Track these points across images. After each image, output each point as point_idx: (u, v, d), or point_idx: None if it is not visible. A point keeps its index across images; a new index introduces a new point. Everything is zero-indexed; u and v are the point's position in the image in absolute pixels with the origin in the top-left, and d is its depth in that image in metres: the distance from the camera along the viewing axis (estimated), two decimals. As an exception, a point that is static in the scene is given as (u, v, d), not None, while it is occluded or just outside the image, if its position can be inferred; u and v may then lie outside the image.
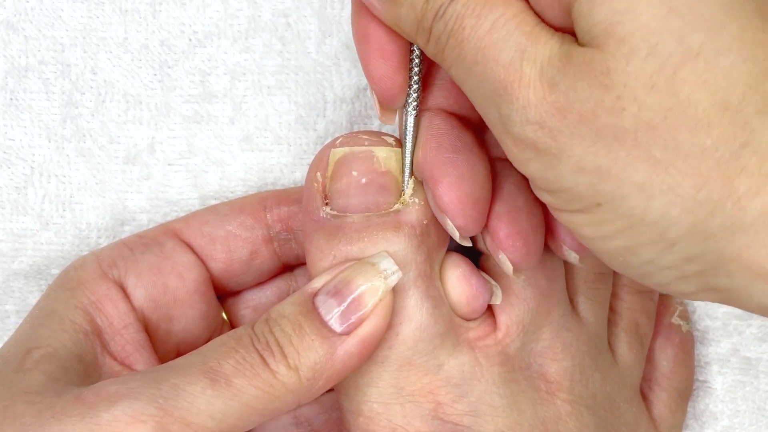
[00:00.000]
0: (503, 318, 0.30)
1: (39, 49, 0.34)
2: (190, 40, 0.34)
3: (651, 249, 0.22)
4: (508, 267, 0.28)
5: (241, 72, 0.34)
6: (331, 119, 0.35)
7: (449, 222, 0.27)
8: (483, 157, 0.28)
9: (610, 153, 0.21)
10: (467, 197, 0.27)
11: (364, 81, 0.34)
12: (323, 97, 0.34)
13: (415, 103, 0.28)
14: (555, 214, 0.24)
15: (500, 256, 0.28)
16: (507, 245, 0.28)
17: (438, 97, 0.29)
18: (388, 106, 0.28)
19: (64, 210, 0.35)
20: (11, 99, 0.34)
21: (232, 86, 0.34)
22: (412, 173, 0.29)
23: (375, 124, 0.35)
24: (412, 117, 0.28)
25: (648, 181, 0.21)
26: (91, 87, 0.34)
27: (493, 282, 0.30)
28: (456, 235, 0.28)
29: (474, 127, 0.29)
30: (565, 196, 0.22)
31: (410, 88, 0.28)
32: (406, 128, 0.28)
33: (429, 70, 0.29)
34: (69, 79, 0.34)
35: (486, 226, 0.28)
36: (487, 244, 0.28)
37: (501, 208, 0.28)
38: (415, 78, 0.28)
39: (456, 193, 0.27)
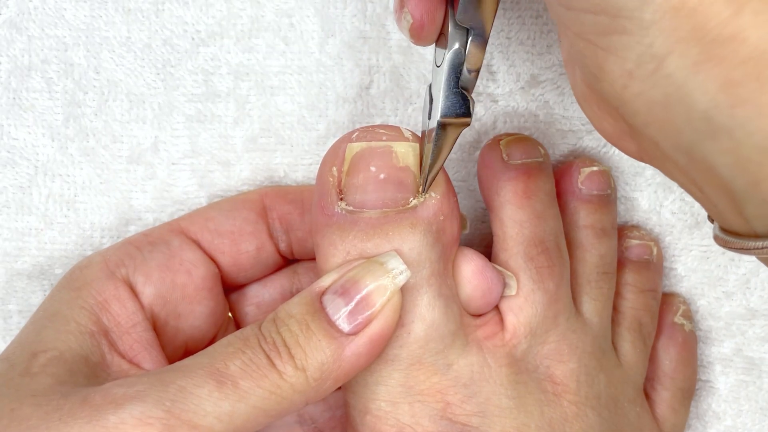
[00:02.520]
0: (510, 318, 0.30)
1: (42, 48, 0.34)
2: (193, 39, 0.34)
3: None
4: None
5: (244, 72, 0.34)
6: (332, 119, 0.35)
7: None
8: None
9: None
10: None
11: (366, 80, 0.34)
12: (325, 96, 0.34)
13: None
14: None
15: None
16: None
17: None
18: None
19: (68, 209, 0.35)
20: (14, 98, 0.34)
21: (235, 86, 0.34)
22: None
23: (375, 123, 0.35)
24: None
25: None
26: (94, 86, 0.34)
27: (507, 273, 0.30)
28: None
29: None
30: None
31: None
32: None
33: None
34: (72, 79, 0.34)
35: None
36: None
37: None
38: None
39: None
